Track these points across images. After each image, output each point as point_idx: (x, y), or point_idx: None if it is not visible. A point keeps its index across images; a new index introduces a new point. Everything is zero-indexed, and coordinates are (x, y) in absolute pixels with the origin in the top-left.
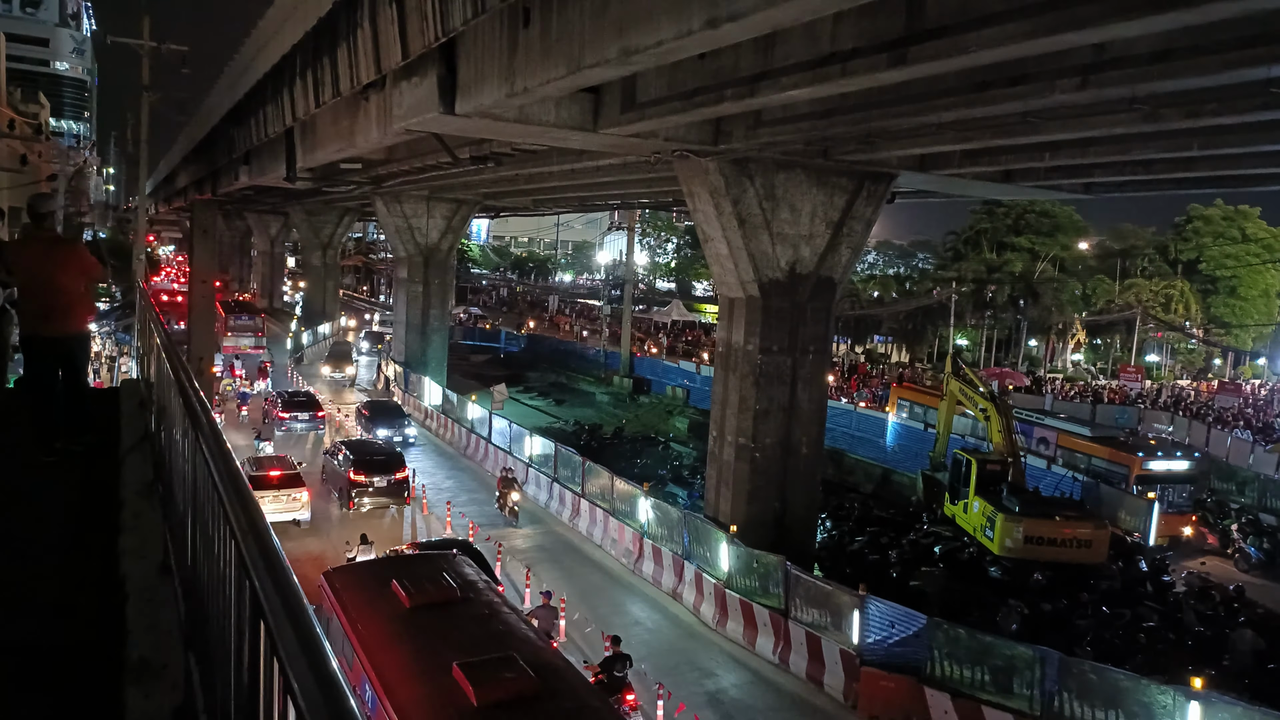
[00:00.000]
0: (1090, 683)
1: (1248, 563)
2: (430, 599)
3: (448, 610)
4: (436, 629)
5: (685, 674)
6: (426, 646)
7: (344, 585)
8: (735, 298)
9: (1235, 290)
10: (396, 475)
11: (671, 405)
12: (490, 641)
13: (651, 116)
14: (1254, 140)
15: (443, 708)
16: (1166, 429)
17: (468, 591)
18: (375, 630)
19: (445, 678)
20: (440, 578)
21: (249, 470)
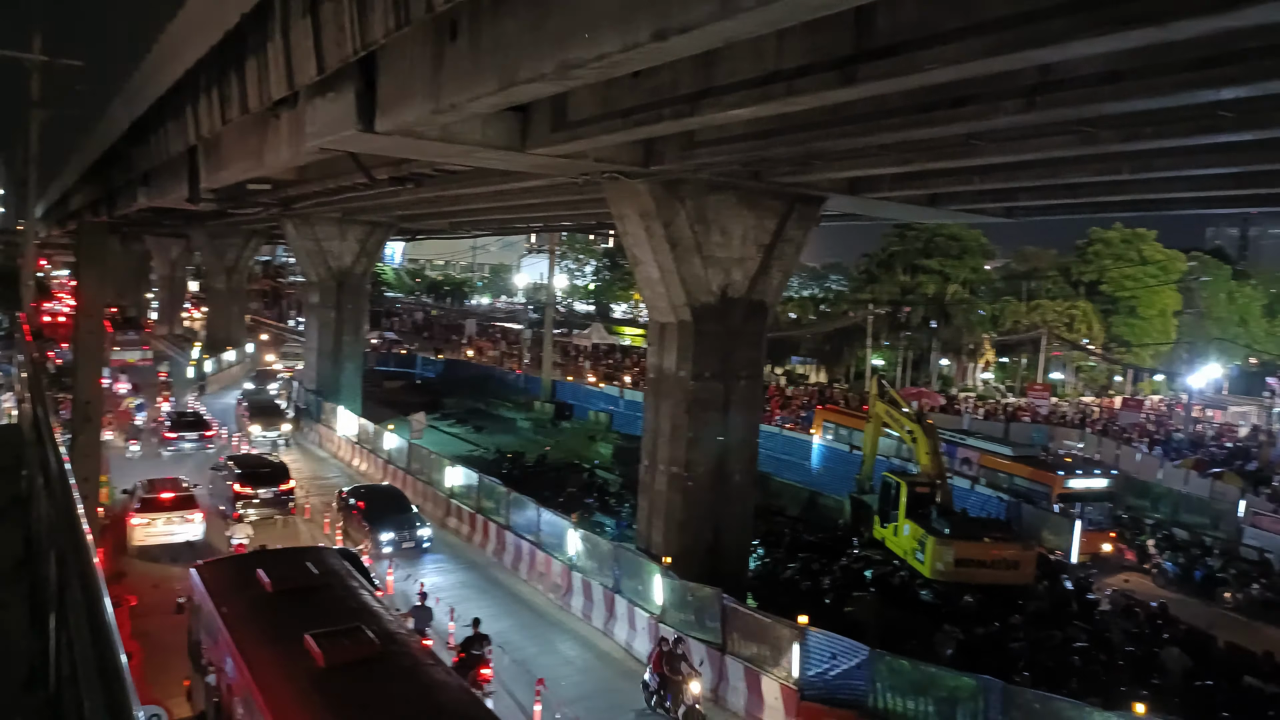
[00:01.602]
0: (1034, 711)
1: (1165, 578)
2: (292, 585)
3: (308, 594)
4: (295, 609)
5: (620, 716)
6: (285, 623)
7: (213, 575)
8: (667, 322)
9: (1134, 310)
10: (281, 487)
11: (595, 430)
12: (343, 618)
13: (584, 136)
14: (1185, 164)
15: (293, 670)
16: (1077, 446)
17: (328, 579)
18: (240, 612)
19: (298, 646)
20: (303, 567)
21: (141, 493)
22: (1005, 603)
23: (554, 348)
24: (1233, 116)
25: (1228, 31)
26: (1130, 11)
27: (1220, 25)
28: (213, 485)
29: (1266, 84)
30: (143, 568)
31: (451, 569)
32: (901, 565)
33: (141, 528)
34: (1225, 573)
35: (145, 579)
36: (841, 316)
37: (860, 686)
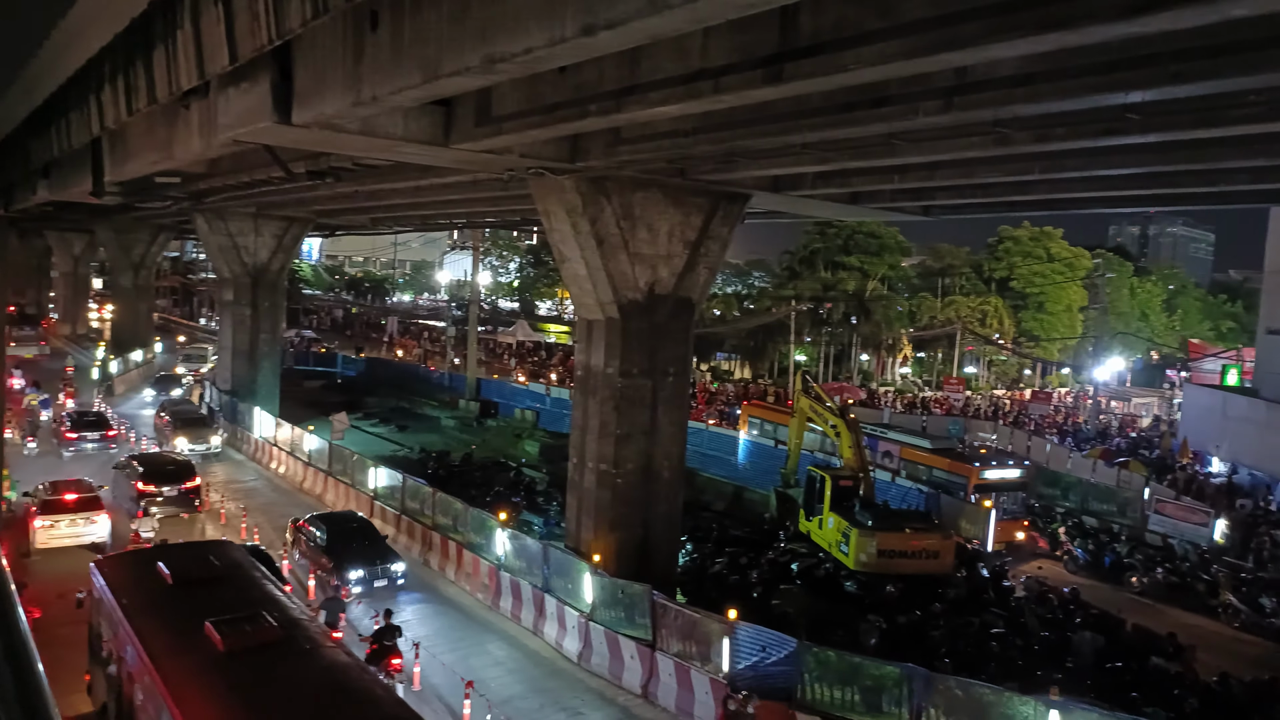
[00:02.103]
0: (956, 698)
1: (1075, 564)
2: (192, 576)
3: (209, 585)
4: (196, 599)
5: (550, 715)
6: (185, 612)
7: (113, 570)
8: (594, 319)
9: (1043, 306)
10: (186, 484)
11: (521, 428)
12: (245, 608)
13: (509, 131)
14: (1092, 165)
15: (193, 656)
16: (991, 437)
17: (231, 571)
18: (140, 603)
19: (198, 633)
20: (205, 560)
21: (44, 494)
22: (926, 591)
23: (479, 345)
24: (1138, 119)
25: (1135, 37)
26: (1044, 15)
27: (1128, 31)
28: (116, 485)
29: (1170, 88)
30: (46, 569)
31: None
32: (826, 557)
33: (44, 530)
34: (1132, 558)
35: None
36: (765, 313)
37: (789, 678)
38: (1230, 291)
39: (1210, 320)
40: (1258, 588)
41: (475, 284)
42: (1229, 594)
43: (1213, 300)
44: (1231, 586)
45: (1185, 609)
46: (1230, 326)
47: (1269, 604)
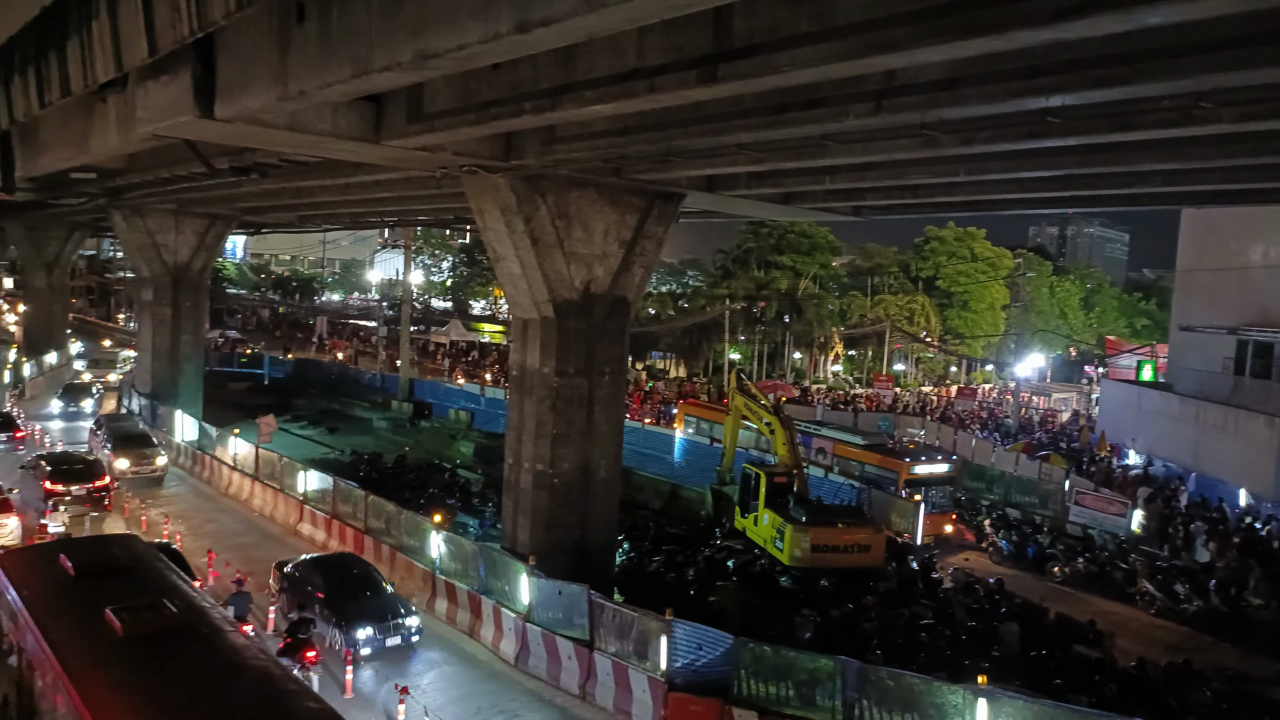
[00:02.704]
0: (887, 688)
1: (1000, 555)
2: (95, 568)
3: (111, 576)
4: (98, 589)
5: (488, 718)
6: (85, 601)
7: (14, 563)
8: (530, 319)
9: (967, 304)
10: (95, 483)
11: (456, 429)
12: (147, 597)
13: (441, 128)
14: (1015, 167)
15: (92, 642)
16: (919, 433)
17: (134, 563)
18: (41, 593)
19: (98, 620)
20: (108, 552)
21: None
22: (858, 585)
23: (411, 345)
24: (1059, 123)
25: (1056, 43)
26: (969, 21)
27: (1049, 37)
28: (24, 485)
29: (1088, 93)
30: None
31: None
32: (762, 554)
33: None
34: (1054, 548)
35: None
36: (700, 312)
37: (725, 674)
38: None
39: (1126, 318)
40: (1172, 575)
41: (407, 283)
42: (1145, 582)
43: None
44: (1148, 575)
45: (1105, 597)
46: (1145, 324)
47: (1183, 591)
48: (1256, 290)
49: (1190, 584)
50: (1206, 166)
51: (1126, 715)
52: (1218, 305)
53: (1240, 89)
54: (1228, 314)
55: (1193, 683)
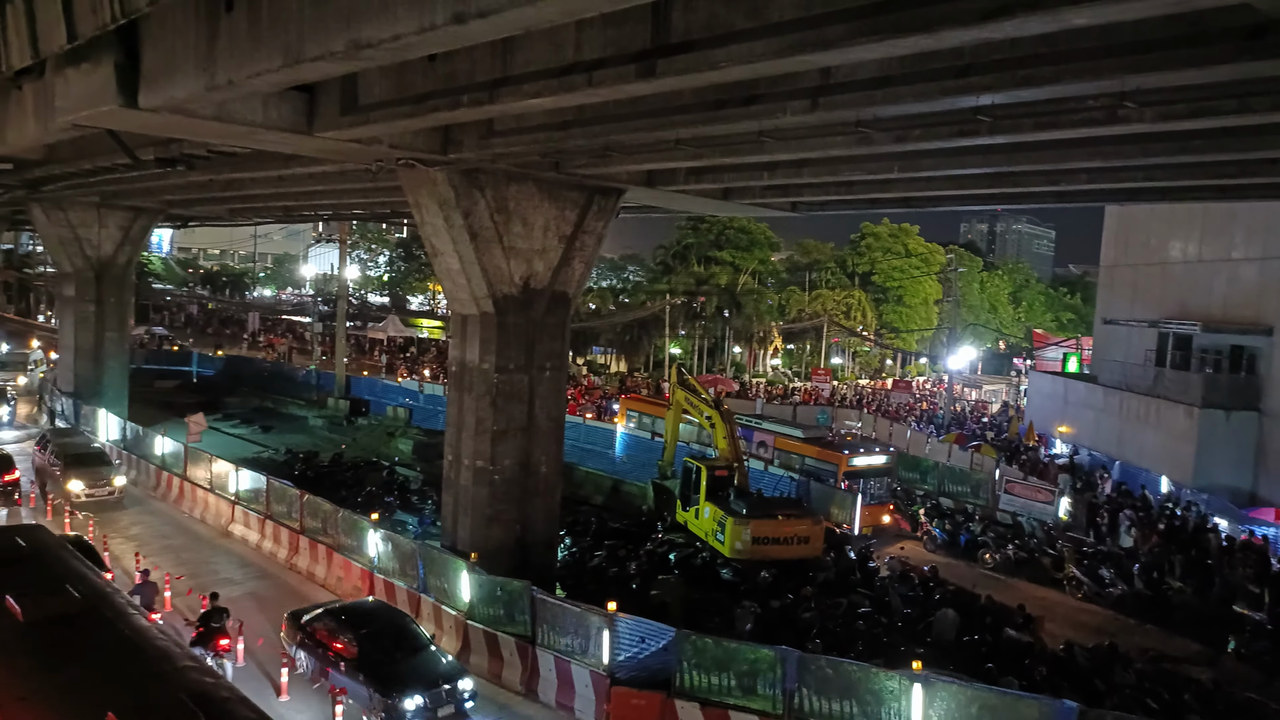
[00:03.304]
0: (826, 676)
1: (934, 543)
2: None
3: (13, 564)
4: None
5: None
6: None
7: None
8: (469, 314)
9: (902, 299)
10: (5, 478)
11: (394, 426)
12: (52, 583)
13: (376, 120)
14: (947, 165)
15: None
16: (856, 425)
17: (39, 551)
18: None
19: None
20: (12, 542)
21: None
22: (798, 575)
23: (347, 341)
24: (988, 121)
25: (986, 43)
26: (902, 19)
27: (979, 36)
28: None
29: (1016, 92)
30: None
31: (240, 579)
32: (703, 546)
33: None
34: (985, 536)
35: None
36: (640, 307)
37: (668, 667)
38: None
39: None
40: (1098, 561)
41: (343, 278)
42: (1072, 567)
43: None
44: (1075, 560)
45: (1034, 582)
46: (1070, 318)
47: (1108, 575)
48: (1176, 285)
49: (1115, 569)
50: (1129, 165)
51: (1055, 696)
52: (1139, 299)
53: (1160, 90)
54: (1149, 308)
55: (1118, 664)
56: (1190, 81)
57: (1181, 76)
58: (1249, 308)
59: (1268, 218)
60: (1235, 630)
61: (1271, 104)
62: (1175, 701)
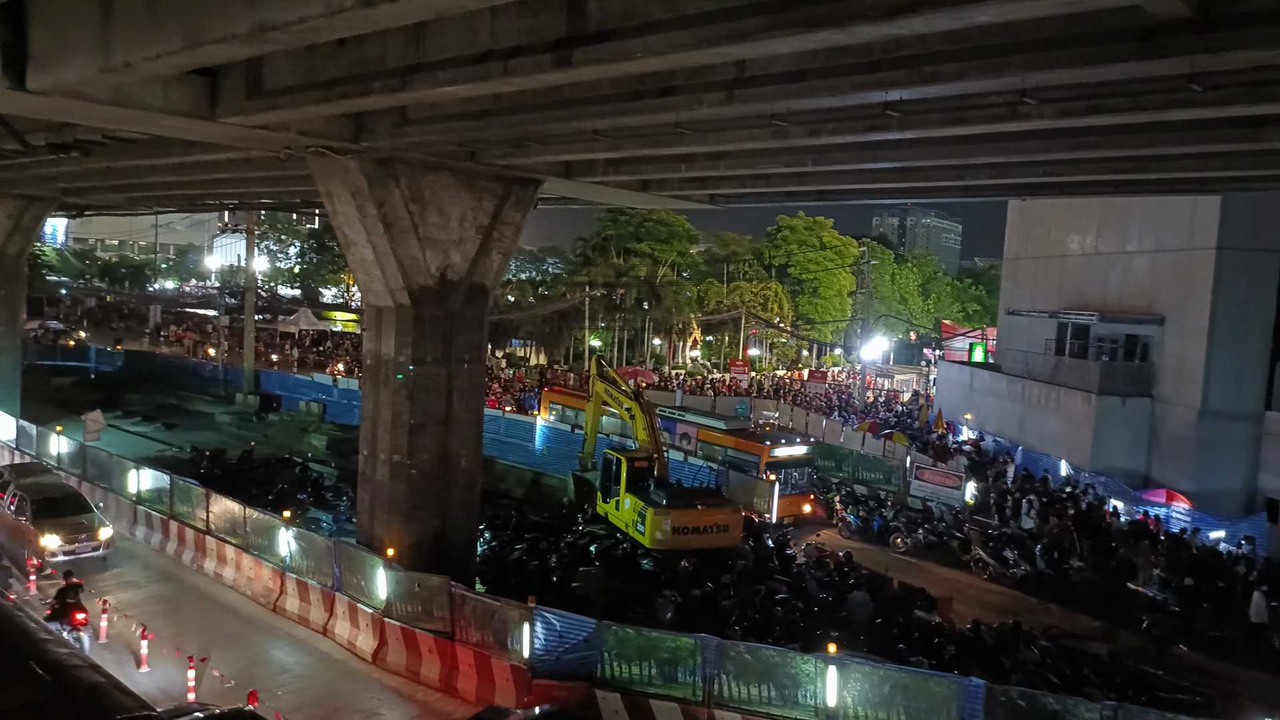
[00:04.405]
0: (745, 662)
1: (849, 530)
2: None
3: None
4: None
5: (346, 718)
6: None
7: None
8: (384, 306)
9: (817, 290)
10: None
11: (307, 422)
12: None
13: (285, 106)
14: (859, 159)
15: None
16: (774, 415)
17: None
18: None
19: None
20: None
21: None
22: (717, 564)
23: (257, 335)
24: (898, 116)
25: (895, 39)
26: (814, 14)
27: (888, 32)
28: None
29: (924, 88)
30: None
31: (142, 582)
32: (624, 537)
33: None
34: (897, 521)
35: None
36: (560, 299)
37: (589, 658)
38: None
39: (959, 303)
40: (1002, 543)
41: (251, 269)
42: (979, 549)
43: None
44: (981, 543)
45: (943, 565)
46: (976, 309)
47: (1012, 556)
48: (1074, 277)
49: (1018, 550)
50: (1030, 160)
51: (963, 674)
52: (1040, 291)
53: (1059, 87)
54: (1049, 299)
55: (1022, 642)
56: (1087, 79)
57: (1079, 74)
58: (1142, 298)
59: (1160, 212)
60: (1132, 607)
61: (1162, 102)
62: (1075, 676)
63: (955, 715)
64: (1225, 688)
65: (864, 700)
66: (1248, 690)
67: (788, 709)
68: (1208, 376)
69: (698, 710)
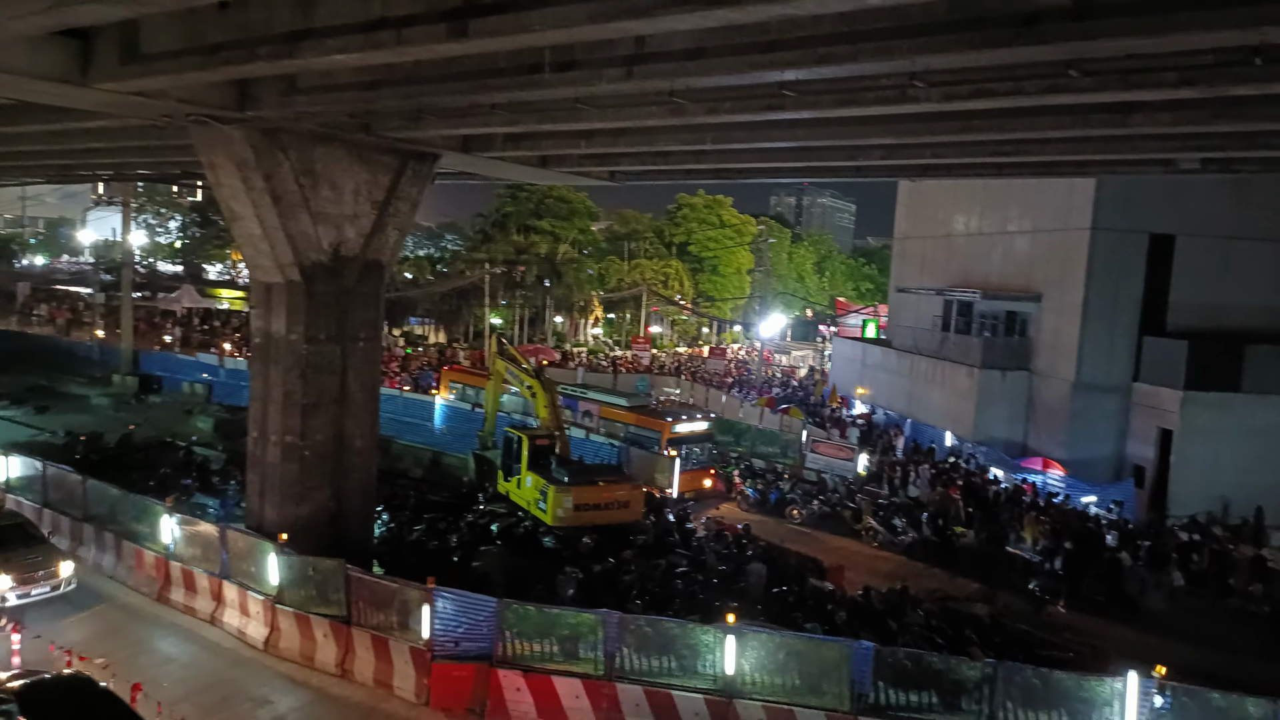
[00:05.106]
0: (646, 635)
1: (748, 503)
2: None
3: None
4: None
5: (236, 707)
6: None
7: None
8: (273, 283)
9: (717, 268)
10: None
11: (192, 404)
12: None
13: (162, 72)
14: (756, 137)
15: None
16: (675, 392)
17: None
18: None
19: None
20: None
21: None
22: (619, 540)
23: (136, 313)
24: (793, 96)
25: (790, 19)
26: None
27: (783, 12)
28: None
29: (818, 69)
30: None
31: None
32: (526, 516)
33: None
34: (793, 494)
35: None
36: (459, 276)
37: (490, 637)
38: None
39: (853, 281)
40: (891, 511)
41: (128, 244)
42: (870, 518)
43: (854, 263)
44: (871, 512)
45: (836, 534)
46: (869, 286)
47: (900, 524)
48: (959, 256)
49: (906, 518)
50: (918, 142)
51: (853, 639)
52: (928, 269)
53: (945, 71)
54: (936, 277)
55: (908, 605)
56: (972, 64)
57: (964, 59)
58: (1021, 276)
59: (1039, 194)
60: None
61: (1041, 87)
62: (958, 636)
63: (846, 678)
64: (1096, 643)
65: (760, 667)
66: (1116, 645)
67: (687, 679)
68: (1081, 351)
69: (600, 684)
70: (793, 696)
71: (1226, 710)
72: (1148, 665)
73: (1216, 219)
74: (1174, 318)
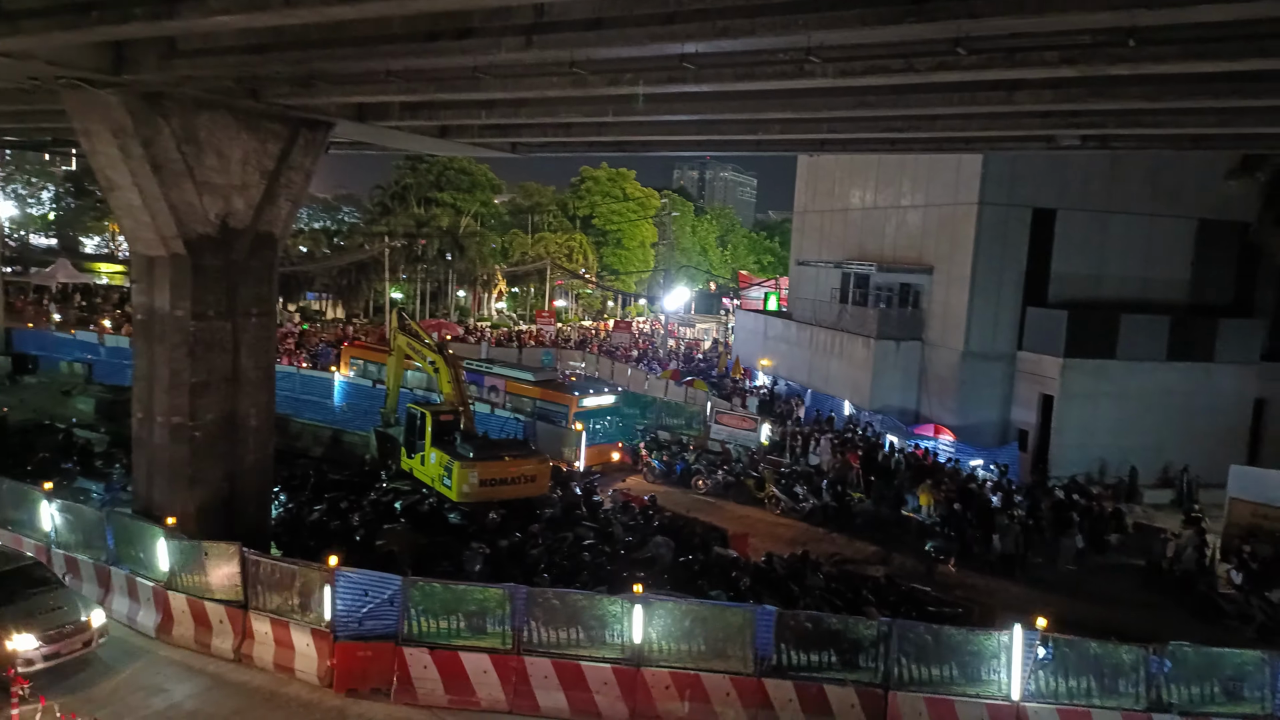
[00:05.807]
0: (554, 608)
1: (654, 474)
2: None
3: None
4: None
5: (127, 698)
6: None
7: None
8: (156, 256)
9: (621, 242)
10: None
11: (71, 384)
12: None
13: (28, 32)
14: (658, 110)
15: None
16: (580, 366)
17: None
18: None
19: None
20: None
21: None
22: (525, 514)
23: (7, 290)
24: (694, 69)
25: None
26: None
27: None
28: None
29: (718, 42)
30: None
31: None
32: (431, 492)
33: None
34: (698, 465)
35: None
36: (357, 250)
37: (395, 616)
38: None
39: (755, 254)
40: (793, 479)
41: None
42: (772, 486)
43: (756, 237)
44: (774, 480)
45: (740, 503)
46: (770, 259)
47: (801, 492)
48: (856, 229)
49: (807, 485)
50: (815, 117)
51: (757, 603)
52: (826, 242)
53: (841, 46)
54: (834, 250)
55: (809, 569)
56: (865, 40)
57: (858, 35)
58: (914, 249)
59: (929, 170)
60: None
61: (931, 64)
62: (856, 597)
63: (750, 641)
64: (984, 599)
65: (667, 635)
66: (1003, 601)
67: (596, 649)
68: (969, 321)
69: (507, 658)
70: (699, 662)
71: (1102, 657)
72: (1032, 619)
73: (1093, 194)
74: (1055, 289)
